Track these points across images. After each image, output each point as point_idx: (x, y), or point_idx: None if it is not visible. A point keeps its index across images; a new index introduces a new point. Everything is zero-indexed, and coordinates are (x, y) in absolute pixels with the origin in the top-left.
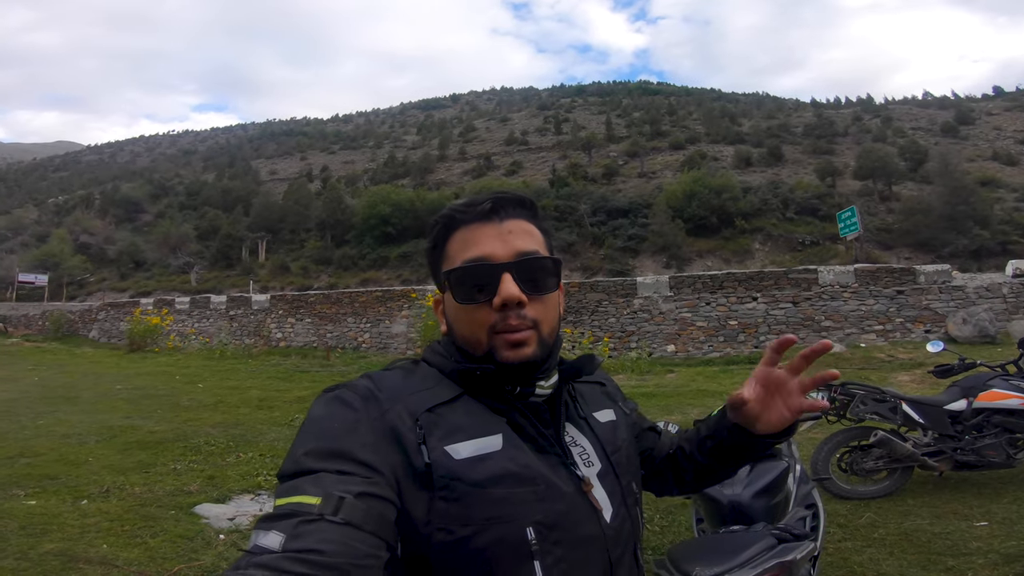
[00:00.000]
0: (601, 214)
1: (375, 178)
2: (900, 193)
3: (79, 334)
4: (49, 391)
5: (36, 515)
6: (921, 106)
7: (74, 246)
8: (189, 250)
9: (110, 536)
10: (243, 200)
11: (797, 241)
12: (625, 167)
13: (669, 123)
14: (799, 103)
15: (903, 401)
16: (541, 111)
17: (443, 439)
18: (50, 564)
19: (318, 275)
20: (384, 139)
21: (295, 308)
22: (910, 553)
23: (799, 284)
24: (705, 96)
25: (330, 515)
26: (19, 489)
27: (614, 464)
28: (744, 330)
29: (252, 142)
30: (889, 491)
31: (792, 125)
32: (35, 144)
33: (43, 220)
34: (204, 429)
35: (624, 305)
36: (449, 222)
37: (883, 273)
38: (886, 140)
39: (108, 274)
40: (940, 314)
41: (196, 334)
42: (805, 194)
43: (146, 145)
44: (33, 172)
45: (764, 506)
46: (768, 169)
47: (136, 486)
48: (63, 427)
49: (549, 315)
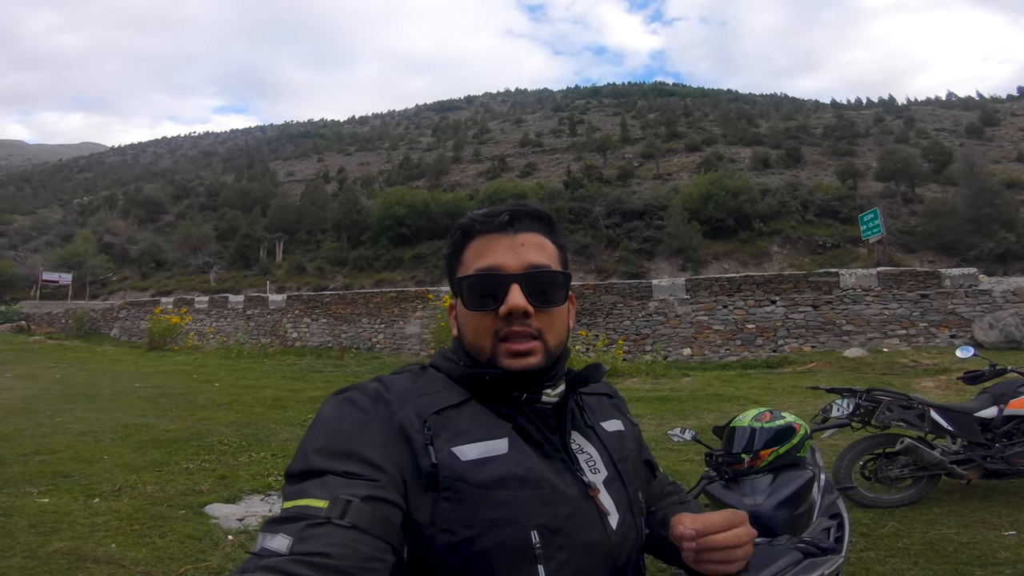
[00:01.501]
0: (616, 216)
1: (390, 180)
2: (923, 195)
3: (101, 332)
4: (69, 388)
5: (47, 513)
6: (945, 107)
7: (97, 246)
8: (208, 250)
9: (119, 535)
10: (261, 201)
11: (817, 244)
12: (640, 169)
13: (685, 124)
14: (818, 104)
15: (931, 408)
16: (556, 113)
17: (450, 441)
18: (57, 563)
19: (334, 276)
20: (399, 141)
21: (311, 308)
22: (935, 563)
23: (819, 287)
24: (722, 97)
25: (337, 519)
26: (32, 487)
27: (621, 472)
28: (762, 334)
29: (270, 144)
30: (914, 499)
31: (811, 126)
32: (60, 145)
33: (68, 220)
34: (218, 428)
35: (639, 307)
36: (467, 230)
37: (907, 276)
38: (908, 141)
39: (130, 273)
40: (966, 319)
41: (214, 333)
42: (825, 196)
43: (168, 147)
44: (58, 173)
45: (787, 517)
46: (787, 171)
47: (148, 485)
48: (80, 424)
49: (556, 327)
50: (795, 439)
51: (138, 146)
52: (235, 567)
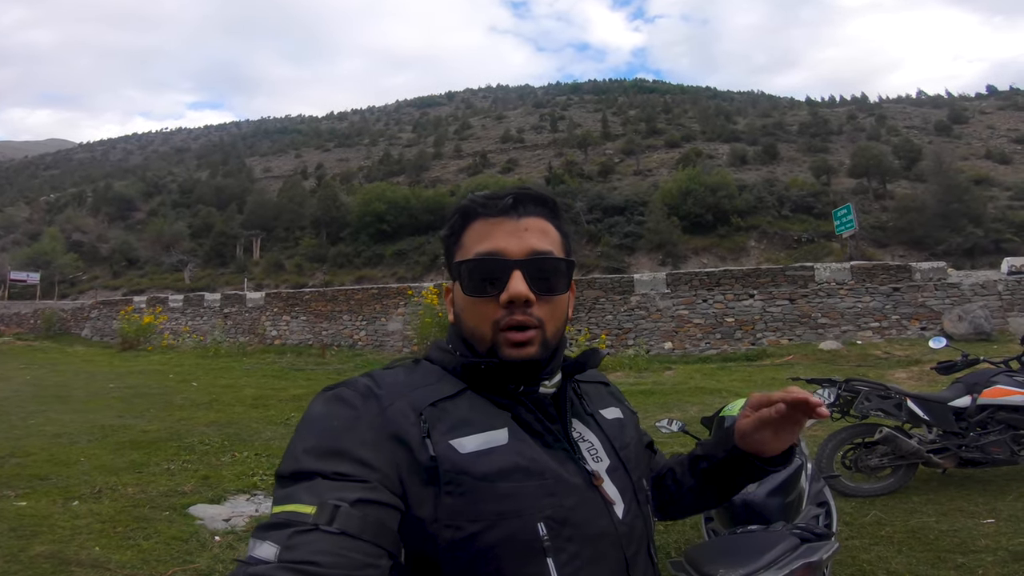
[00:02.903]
0: (597, 211)
1: (370, 176)
2: (894, 191)
3: (71, 332)
4: (41, 390)
5: (26, 516)
6: (915, 105)
7: (66, 244)
8: (182, 248)
9: (102, 538)
10: (237, 198)
11: (792, 239)
12: (621, 165)
13: (664, 121)
14: (794, 101)
15: (908, 397)
16: (537, 109)
17: (447, 433)
18: (41, 567)
19: (313, 273)
20: (379, 136)
21: (290, 306)
22: (918, 551)
23: (796, 281)
24: (700, 94)
25: (325, 525)
26: (9, 490)
27: (623, 460)
28: (741, 327)
29: (246, 140)
30: (894, 488)
31: (787, 123)
32: (27, 142)
33: (35, 218)
34: (198, 428)
35: (621, 302)
36: (467, 212)
37: (879, 270)
38: (880, 139)
39: (101, 272)
40: (936, 311)
41: (190, 332)
42: (800, 192)
43: (139, 143)
44: (24, 170)
45: (778, 505)
46: (763, 167)
47: (128, 486)
48: (54, 426)
49: (556, 316)
50: None
51: (108, 142)
52: (224, 568)
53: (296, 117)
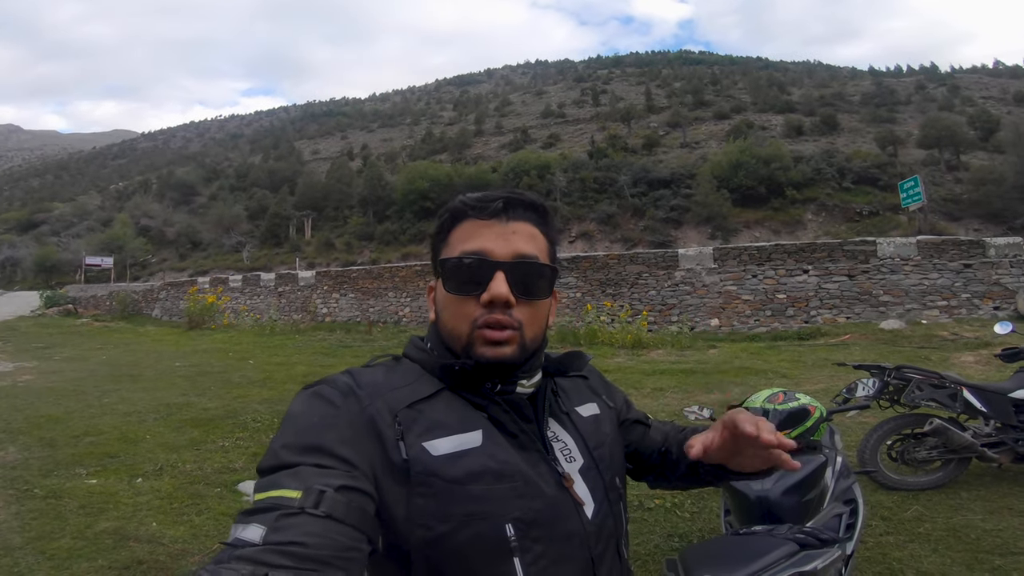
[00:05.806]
0: (642, 185)
1: (413, 154)
2: (969, 163)
3: (143, 313)
4: (115, 369)
5: (95, 494)
6: (992, 75)
7: (136, 229)
8: (241, 230)
9: (159, 514)
10: (288, 180)
11: (854, 211)
12: (666, 138)
13: (712, 93)
14: (856, 71)
15: (964, 387)
16: (578, 83)
17: (422, 435)
18: (104, 543)
19: (361, 250)
20: (421, 116)
21: (339, 284)
22: (955, 550)
23: (855, 256)
24: (751, 65)
25: (311, 508)
26: (82, 468)
27: (596, 460)
28: (793, 304)
29: (295, 123)
30: (941, 483)
31: (848, 94)
32: (94, 134)
33: (106, 206)
34: (252, 406)
35: (665, 277)
36: (457, 213)
37: (948, 245)
38: (953, 109)
39: (168, 255)
40: (1010, 290)
41: (248, 311)
42: (863, 163)
43: (197, 131)
44: (94, 160)
45: (794, 503)
46: (821, 138)
47: (187, 463)
48: (125, 405)
49: (536, 320)
50: (809, 422)
51: (168, 131)
52: None
53: (341, 100)
